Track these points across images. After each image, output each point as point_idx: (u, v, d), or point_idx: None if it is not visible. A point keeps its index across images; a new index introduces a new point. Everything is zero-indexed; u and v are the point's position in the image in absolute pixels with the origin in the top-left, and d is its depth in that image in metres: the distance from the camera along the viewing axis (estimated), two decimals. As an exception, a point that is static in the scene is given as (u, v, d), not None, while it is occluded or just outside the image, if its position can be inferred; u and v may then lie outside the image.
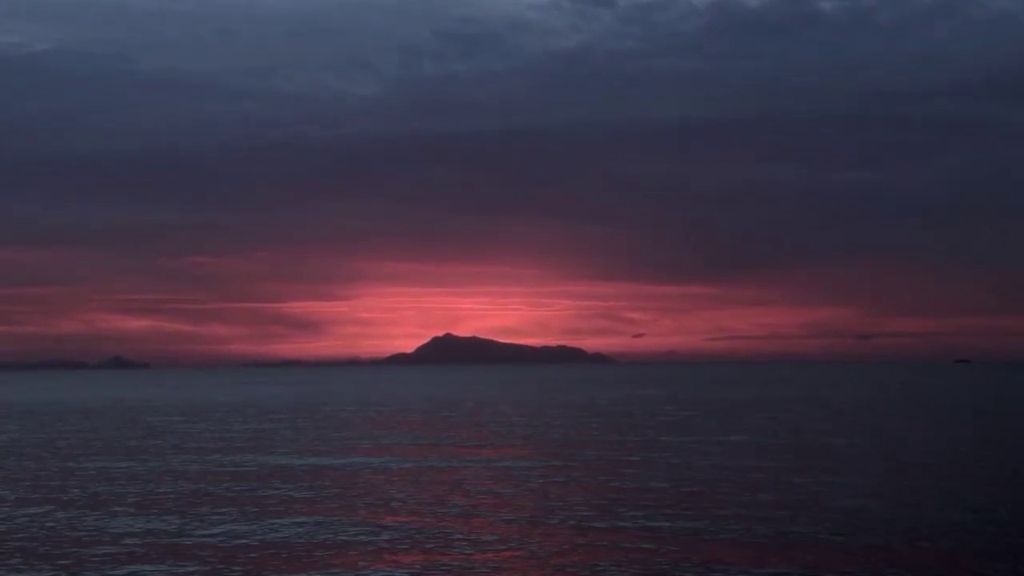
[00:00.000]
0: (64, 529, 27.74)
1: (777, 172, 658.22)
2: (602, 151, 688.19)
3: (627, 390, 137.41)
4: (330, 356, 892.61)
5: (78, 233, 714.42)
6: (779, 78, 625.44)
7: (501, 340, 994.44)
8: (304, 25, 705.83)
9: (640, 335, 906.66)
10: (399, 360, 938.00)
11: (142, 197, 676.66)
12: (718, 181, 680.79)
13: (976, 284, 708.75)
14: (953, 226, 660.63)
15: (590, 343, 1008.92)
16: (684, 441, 52.19)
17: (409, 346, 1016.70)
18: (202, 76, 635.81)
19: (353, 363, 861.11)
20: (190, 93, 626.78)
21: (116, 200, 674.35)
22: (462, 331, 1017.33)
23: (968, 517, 28.03)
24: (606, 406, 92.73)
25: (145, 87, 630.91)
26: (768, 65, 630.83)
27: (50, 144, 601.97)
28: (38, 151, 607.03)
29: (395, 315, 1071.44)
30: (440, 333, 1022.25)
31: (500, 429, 63.03)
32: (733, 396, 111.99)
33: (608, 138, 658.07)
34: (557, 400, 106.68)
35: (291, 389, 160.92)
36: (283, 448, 50.63)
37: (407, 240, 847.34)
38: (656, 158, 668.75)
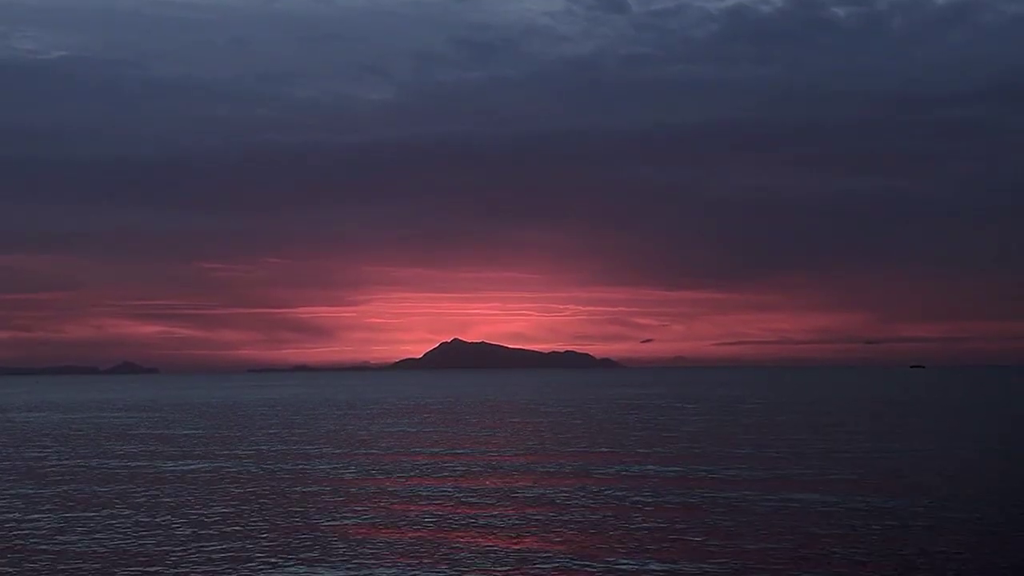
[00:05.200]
0: None
1: (789, 178, 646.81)
2: (614, 157, 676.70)
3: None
4: (339, 361, 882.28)
5: (88, 238, 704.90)
6: (792, 84, 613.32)
7: (509, 345, 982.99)
8: (318, 31, 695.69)
9: (648, 340, 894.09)
10: (408, 365, 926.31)
11: (153, 202, 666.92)
12: (729, 187, 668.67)
13: (992, 289, 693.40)
14: (968, 231, 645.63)
15: (598, 348, 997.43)
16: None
17: (418, 351, 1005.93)
18: (216, 83, 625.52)
19: (362, 368, 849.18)
20: (204, 100, 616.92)
21: (127, 205, 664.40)
22: (471, 336, 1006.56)
23: None
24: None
25: (159, 94, 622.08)
26: (781, 71, 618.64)
27: (64, 150, 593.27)
28: (52, 156, 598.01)
29: (404, 320, 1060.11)
30: (448, 338, 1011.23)
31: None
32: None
33: (621, 144, 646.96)
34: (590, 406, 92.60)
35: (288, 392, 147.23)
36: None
37: (417, 246, 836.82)
38: (668, 164, 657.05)
